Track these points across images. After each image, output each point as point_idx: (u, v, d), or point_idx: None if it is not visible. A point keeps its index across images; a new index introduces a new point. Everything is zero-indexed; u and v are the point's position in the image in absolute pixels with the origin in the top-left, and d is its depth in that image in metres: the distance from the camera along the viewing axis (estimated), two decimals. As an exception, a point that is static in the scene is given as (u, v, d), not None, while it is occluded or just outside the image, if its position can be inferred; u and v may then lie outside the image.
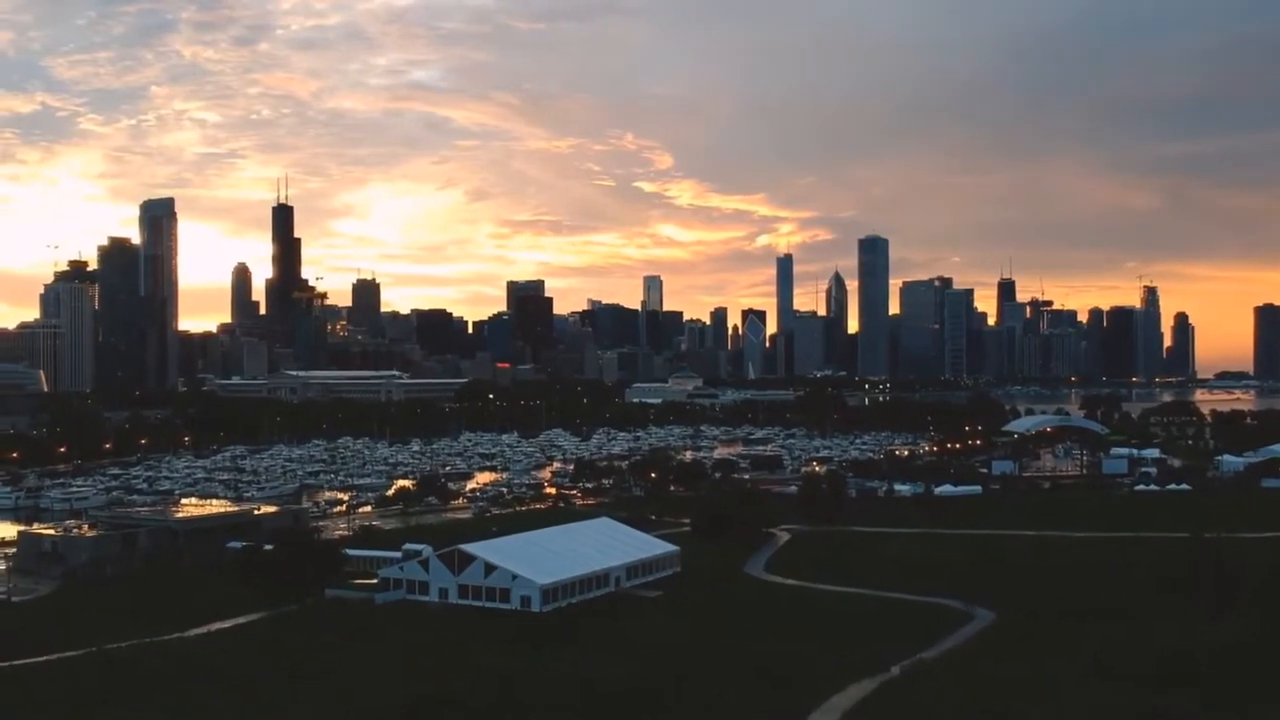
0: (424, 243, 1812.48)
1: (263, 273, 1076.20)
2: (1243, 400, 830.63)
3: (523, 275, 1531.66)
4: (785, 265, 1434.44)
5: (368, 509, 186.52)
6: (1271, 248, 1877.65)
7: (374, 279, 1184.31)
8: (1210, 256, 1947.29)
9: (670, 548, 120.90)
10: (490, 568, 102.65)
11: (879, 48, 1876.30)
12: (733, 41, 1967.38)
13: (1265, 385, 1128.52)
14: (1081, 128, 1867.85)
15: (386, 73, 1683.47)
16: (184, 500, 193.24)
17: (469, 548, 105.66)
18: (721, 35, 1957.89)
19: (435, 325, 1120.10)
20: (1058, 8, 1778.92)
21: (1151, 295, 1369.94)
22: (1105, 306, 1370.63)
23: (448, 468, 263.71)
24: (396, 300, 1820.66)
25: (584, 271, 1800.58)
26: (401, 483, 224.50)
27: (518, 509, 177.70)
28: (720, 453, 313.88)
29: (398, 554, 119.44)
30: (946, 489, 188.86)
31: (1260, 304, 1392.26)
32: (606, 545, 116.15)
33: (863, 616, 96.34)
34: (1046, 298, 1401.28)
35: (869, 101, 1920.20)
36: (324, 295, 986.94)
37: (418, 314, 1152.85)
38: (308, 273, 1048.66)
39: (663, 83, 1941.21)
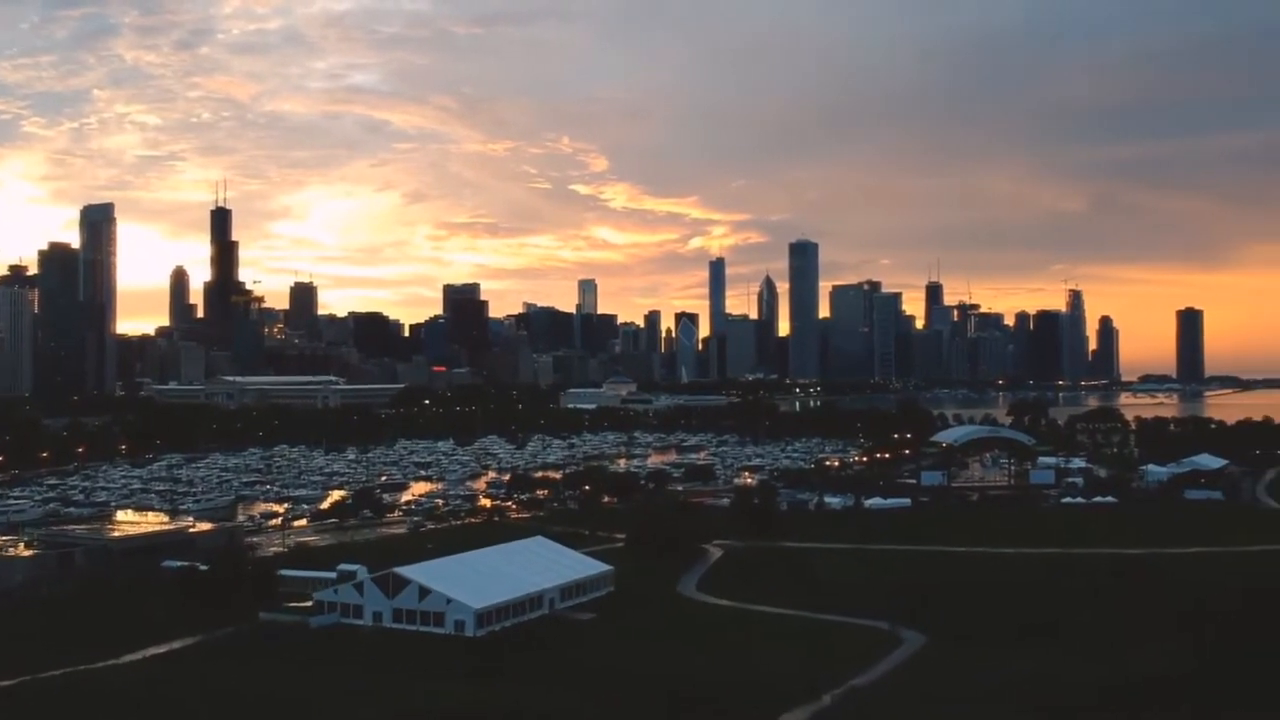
0: (361, 245, 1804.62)
1: (201, 275, 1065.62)
2: (1166, 404, 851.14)
3: (459, 277, 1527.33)
4: (718, 268, 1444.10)
5: (303, 522, 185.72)
6: (1194, 251, 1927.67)
7: (311, 281, 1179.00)
8: (1135, 260, 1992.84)
9: (604, 567, 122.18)
10: (425, 591, 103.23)
11: (812, 52, 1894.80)
12: (668, 46, 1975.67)
13: (1187, 388, 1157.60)
14: (1010, 132, 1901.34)
15: (326, 76, 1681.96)
16: (120, 514, 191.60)
17: (404, 571, 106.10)
18: (657, 40, 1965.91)
19: (372, 328, 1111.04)
20: (989, 14, 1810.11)
21: (1076, 298, 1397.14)
22: (1032, 309, 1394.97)
23: (384, 478, 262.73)
24: (334, 303, 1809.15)
25: (520, 274, 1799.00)
26: (337, 494, 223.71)
27: (452, 523, 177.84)
28: (654, 461, 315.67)
29: (332, 574, 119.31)
30: (876, 502, 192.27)
31: (1182, 307, 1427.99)
32: (541, 566, 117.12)
33: (795, 640, 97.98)
34: (974, 300, 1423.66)
35: (802, 105, 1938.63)
36: (261, 298, 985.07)
37: (355, 317, 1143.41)
38: (246, 275, 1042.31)
39: (599, 86, 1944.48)
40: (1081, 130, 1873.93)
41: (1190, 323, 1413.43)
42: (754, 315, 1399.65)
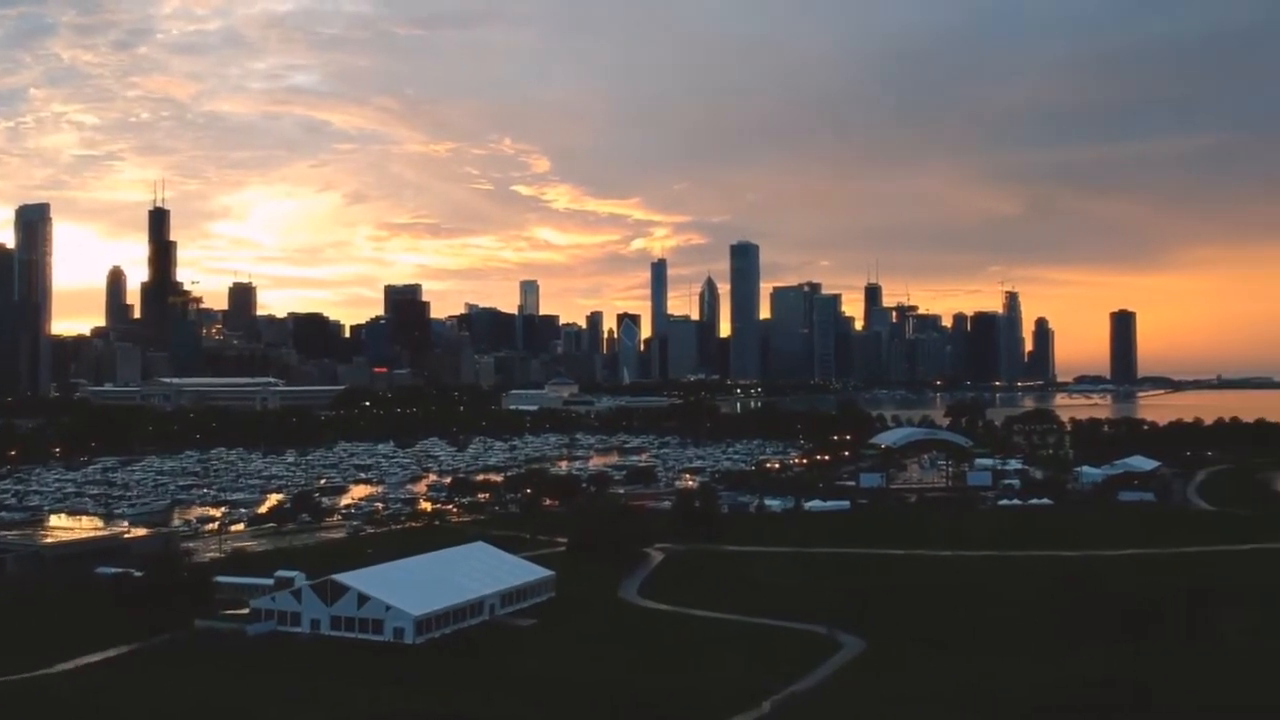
0: (301, 245, 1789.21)
1: (138, 276, 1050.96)
2: (1100, 405, 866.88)
3: (400, 278, 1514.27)
4: (659, 269, 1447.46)
5: (240, 527, 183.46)
6: (1127, 254, 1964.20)
7: (250, 282, 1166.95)
8: (1070, 262, 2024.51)
9: (545, 573, 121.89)
10: (364, 598, 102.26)
11: (754, 54, 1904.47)
12: (611, 47, 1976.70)
13: (1120, 389, 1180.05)
14: (948, 135, 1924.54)
15: (266, 76, 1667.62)
16: (53, 518, 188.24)
17: (342, 578, 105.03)
18: (600, 42, 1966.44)
19: (312, 329, 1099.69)
20: (928, 17, 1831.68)
21: (1013, 300, 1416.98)
22: (969, 311, 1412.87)
23: (323, 481, 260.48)
24: (273, 303, 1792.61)
25: (461, 274, 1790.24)
26: (275, 498, 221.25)
27: (393, 528, 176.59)
28: (595, 463, 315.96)
29: (269, 581, 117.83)
30: (816, 504, 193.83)
31: (1116, 309, 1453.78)
32: (481, 572, 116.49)
33: (736, 645, 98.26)
34: (912, 302, 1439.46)
35: (743, 107, 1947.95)
36: (200, 299, 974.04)
37: (294, 317, 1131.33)
38: (184, 276, 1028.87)
39: (542, 88, 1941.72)
40: (1019, 134, 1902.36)
41: (1123, 324, 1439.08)
42: (696, 316, 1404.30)
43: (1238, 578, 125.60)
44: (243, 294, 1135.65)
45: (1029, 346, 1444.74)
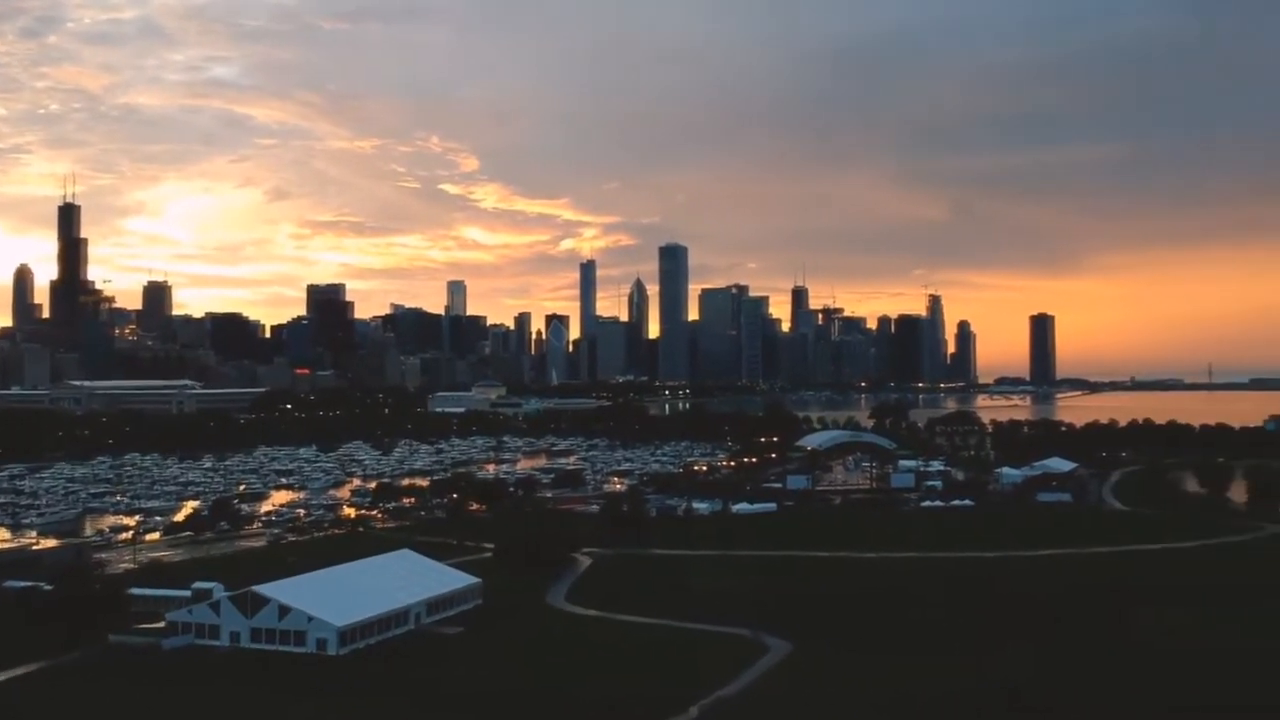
0: (220, 243, 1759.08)
1: (47, 274, 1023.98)
2: (1019, 406, 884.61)
3: (323, 277, 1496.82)
4: (588, 270, 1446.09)
5: (155, 536, 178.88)
6: (1046, 258, 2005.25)
7: (166, 281, 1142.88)
8: (991, 266, 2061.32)
9: (471, 580, 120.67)
10: (285, 610, 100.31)
11: (684, 56, 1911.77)
12: (541, 46, 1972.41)
13: (1039, 390, 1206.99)
14: (875, 140, 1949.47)
15: (184, 69, 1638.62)
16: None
17: (263, 589, 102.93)
18: (530, 40, 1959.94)
19: (231, 329, 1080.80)
20: (859, 24, 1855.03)
21: (936, 303, 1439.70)
22: (893, 313, 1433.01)
23: (242, 487, 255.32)
24: (190, 303, 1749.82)
25: (387, 274, 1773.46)
26: (192, 505, 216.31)
27: (315, 535, 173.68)
28: (523, 466, 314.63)
29: (187, 593, 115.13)
30: (743, 507, 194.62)
31: (1035, 313, 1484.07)
32: (406, 580, 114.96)
33: (663, 650, 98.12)
34: (838, 304, 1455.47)
35: (673, 108, 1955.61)
36: (112, 298, 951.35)
37: (212, 317, 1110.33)
38: (95, 274, 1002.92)
39: (470, 86, 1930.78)
40: (943, 139, 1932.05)
41: (1042, 327, 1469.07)
42: (624, 317, 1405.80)
43: (1149, 577, 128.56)
44: (158, 293, 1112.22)
45: (951, 349, 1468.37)
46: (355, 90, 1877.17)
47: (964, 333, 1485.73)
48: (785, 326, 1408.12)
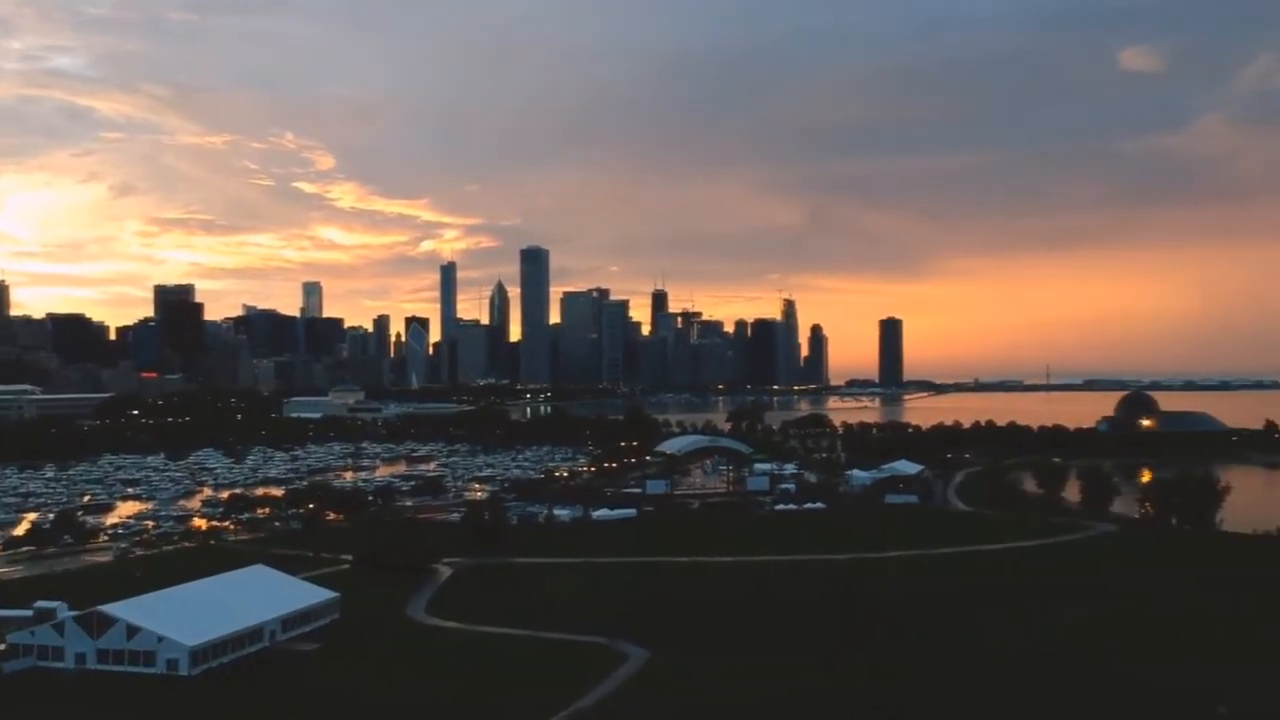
0: (62, 240, 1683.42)
1: None
2: (869, 408, 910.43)
3: (172, 276, 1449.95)
4: (449, 272, 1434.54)
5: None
6: (894, 264, 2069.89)
7: (3, 280, 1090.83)
8: (842, 271, 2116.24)
9: (328, 594, 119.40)
10: (134, 629, 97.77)
11: (547, 58, 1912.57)
12: (402, 44, 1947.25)
13: (888, 392, 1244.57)
14: (734, 147, 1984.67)
15: (22, 57, 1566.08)
16: None
17: (110, 609, 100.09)
18: (388, 37, 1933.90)
19: (73, 331, 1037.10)
20: (719, 34, 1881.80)
21: (790, 308, 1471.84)
22: (750, 317, 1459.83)
23: (87, 498, 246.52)
24: (29, 303, 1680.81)
25: (239, 274, 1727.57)
26: (32, 518, 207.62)
27: (164, 549, 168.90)
28: (383, 473, 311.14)
29: (28, 613, 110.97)
30: (604, 513, 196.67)
31: (884, 317, 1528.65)
32: (261, 596, 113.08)
33: (522, 662, 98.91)
34: (697, 308, 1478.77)
35: (535, 111, 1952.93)
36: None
37: (53, 319, 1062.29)
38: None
39: (327, 82, 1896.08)
40: (794, 148, 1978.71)
41: (891, 331, 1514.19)
42: (485, 320, 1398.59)
43: (991, 578, 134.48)
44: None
45: (805, 352, 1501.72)
46: (206, 84, 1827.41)
47: (817, 336, 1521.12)
48: (646, 330, 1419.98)
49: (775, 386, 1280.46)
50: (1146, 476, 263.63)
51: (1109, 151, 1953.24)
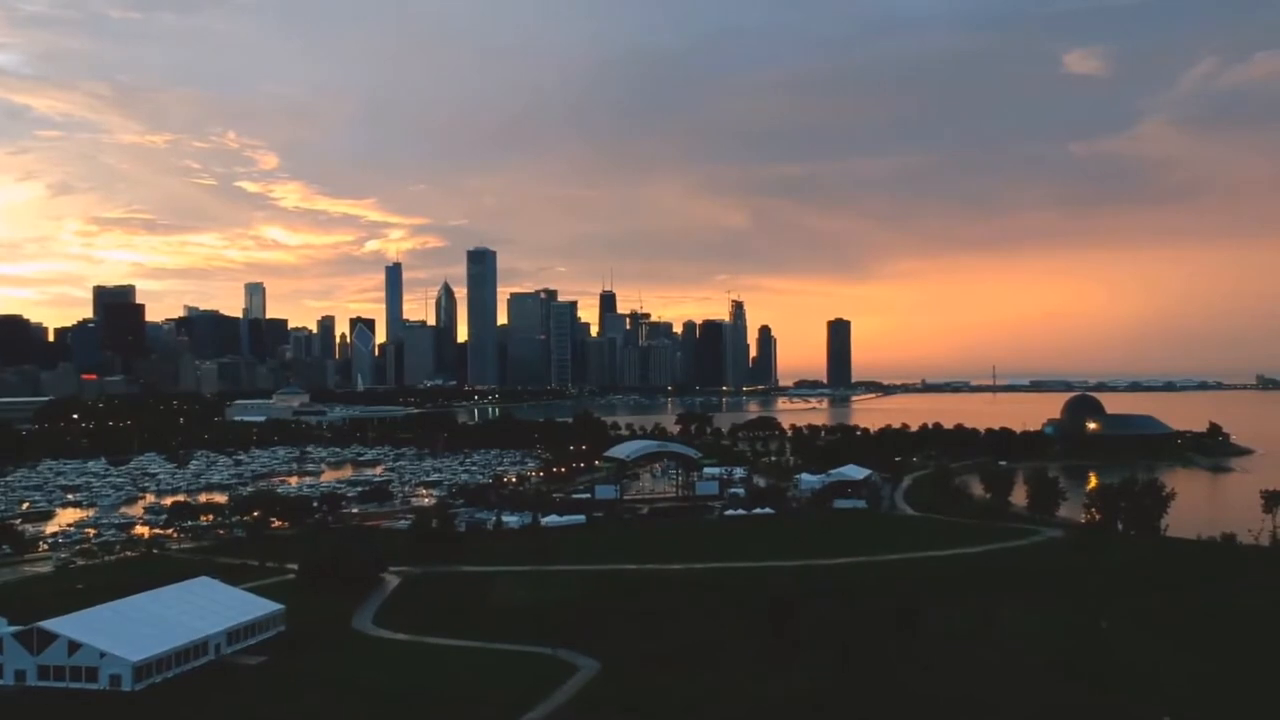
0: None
1: None
2: (818, 409, 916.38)
3: (112, 278, 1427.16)
4: (394, 273, 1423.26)
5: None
6: (842, 265, 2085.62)
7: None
8: (790, 272, 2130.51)
9: (274, 606, 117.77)
10: (75, 645, 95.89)
11: (492, 60, 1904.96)
12: (347, 43, 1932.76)
13: (836, 393, 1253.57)
14: (680, 148, 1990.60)
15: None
16: None
17: (50, 625, 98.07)
18: (333, 37, 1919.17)
19: (10, 332, 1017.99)
20: (667, 33, 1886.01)
21: (739, 309, 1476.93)
22: (699, 318, 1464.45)
23: (26, 505, 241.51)
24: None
25: (181, 273, 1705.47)
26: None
27: (106, 559, 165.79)
28: (329, 478, 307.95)
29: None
30: (553, 519, 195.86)
31: (832, 318, 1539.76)
32: (205, 608, 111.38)
33: (470, 674, 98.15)
34: (645, 309, 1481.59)
35: (481, 112, 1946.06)
36: None
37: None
38: None
39: (270, 82, 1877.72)
40: (740, 150, 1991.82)
41: (839, 332, 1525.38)
42: (432, 321, 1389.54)
43: (937, 585, 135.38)
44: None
45: (754, 352, 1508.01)
46: (147, 82, 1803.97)
47: (765, 337, 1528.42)
48: (594, 331, 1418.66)
49: (725, 387, 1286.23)
50: (1093, 480, 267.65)
51: (1053, 154, 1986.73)
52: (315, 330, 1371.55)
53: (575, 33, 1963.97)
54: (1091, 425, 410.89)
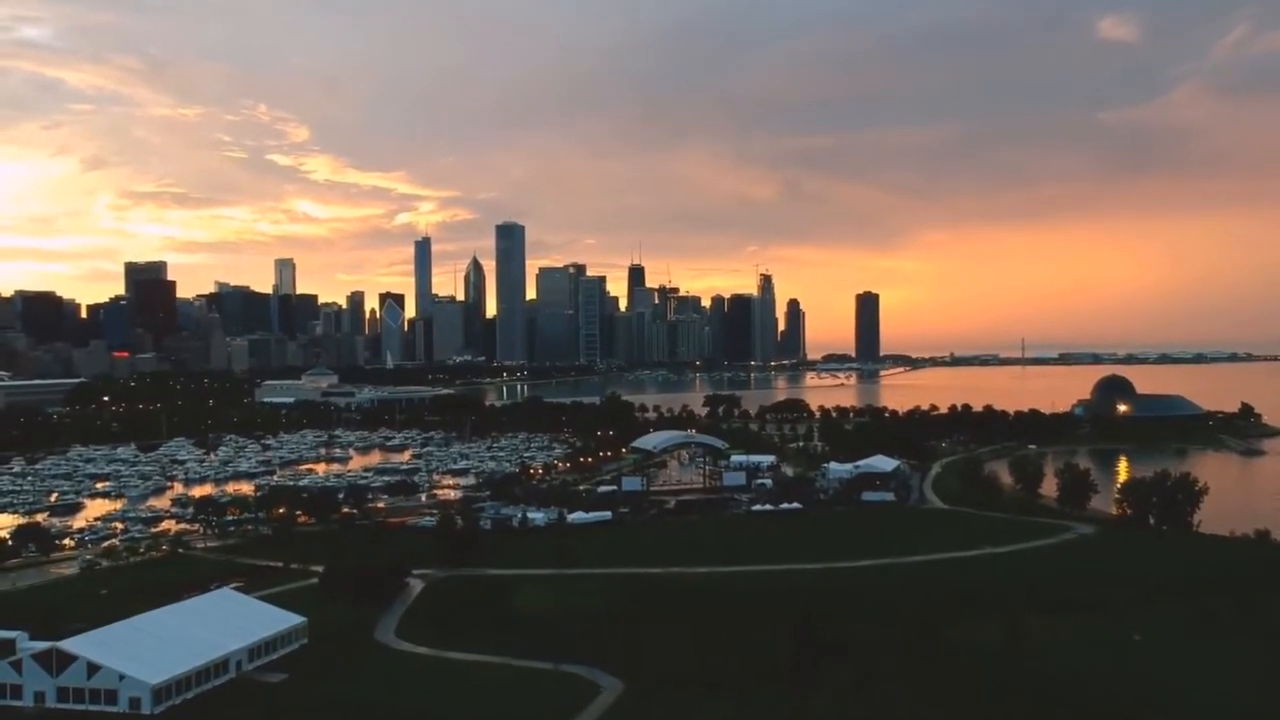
0: (31, 214, 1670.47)
1: None
2: (846, 385, 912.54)
3: (145, 251, 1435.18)
4: (424, 247, 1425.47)
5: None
6: (871, 237, 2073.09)
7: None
8: (818, 243, 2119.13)
9: (296, 619, 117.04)
10: (94, 667, 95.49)
11: (523, 34, 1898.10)
12: (378, 18, 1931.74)
13: (865, 367, 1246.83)
14: (709, 120, 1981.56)
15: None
16: None
17: (69, 646, 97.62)
18: (366, 11, 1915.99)
19: (43, 310, 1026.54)
20: (697, 5, 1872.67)
21: (767, 282, 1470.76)
22: (727, 292, 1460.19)
23: (54, 496, 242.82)
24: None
25: (213, 247, 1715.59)
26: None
27: (131, 559, 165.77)
28: (356, 464, 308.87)
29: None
30: (579, 516, 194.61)
31: (861, 291, 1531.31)
32: (226, 624, 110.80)
33: (496, 695, 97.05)
34: (674, 282, 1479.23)
35: (511, 86, 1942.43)
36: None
37: (23, 296, 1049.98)
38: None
39: (301, 55, 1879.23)
40: (769, 121, 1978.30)
41: (868, 305, 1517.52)
42: (461, 296, 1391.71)
43: (962, 591, 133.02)
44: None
45: (782, 326, 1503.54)
46: (179, 56, 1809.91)
47: (794, 311, 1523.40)
48: (623, 305, 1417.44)
49: (753, 362, 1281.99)
50: (1124, 469, 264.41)
51: (1084, 123, 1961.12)
52: (345, 306, 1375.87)
53: (606, 5, 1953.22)
54: (1122, 407, 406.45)
